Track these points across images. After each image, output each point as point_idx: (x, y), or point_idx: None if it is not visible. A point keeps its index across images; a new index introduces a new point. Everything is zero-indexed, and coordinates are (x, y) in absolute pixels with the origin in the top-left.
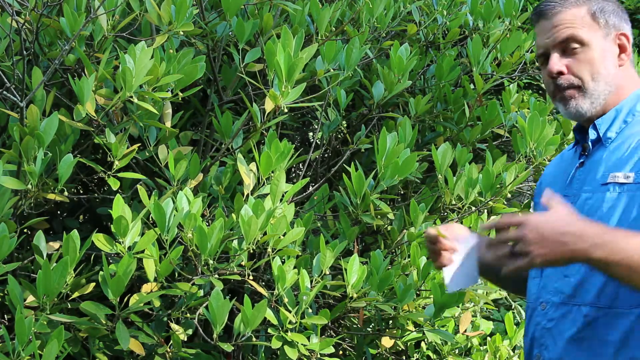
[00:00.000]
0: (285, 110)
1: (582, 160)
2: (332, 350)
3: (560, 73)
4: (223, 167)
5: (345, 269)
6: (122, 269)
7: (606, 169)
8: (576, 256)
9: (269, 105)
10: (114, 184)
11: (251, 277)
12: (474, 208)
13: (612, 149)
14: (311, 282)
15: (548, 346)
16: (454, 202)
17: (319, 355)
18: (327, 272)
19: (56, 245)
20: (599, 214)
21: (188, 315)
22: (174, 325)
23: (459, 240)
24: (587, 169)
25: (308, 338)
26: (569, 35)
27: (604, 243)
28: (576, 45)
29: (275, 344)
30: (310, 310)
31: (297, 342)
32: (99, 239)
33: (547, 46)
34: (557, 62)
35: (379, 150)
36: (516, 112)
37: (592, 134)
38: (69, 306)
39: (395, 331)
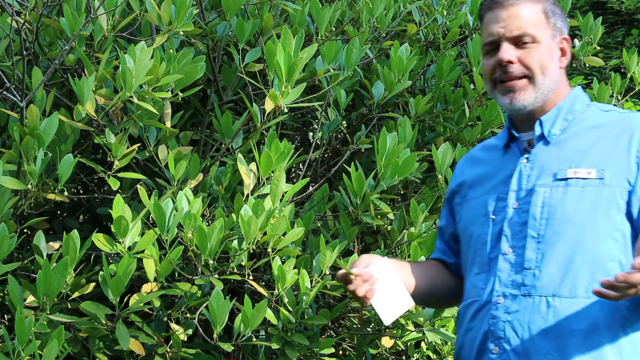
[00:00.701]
0: (285, 110)
1: (527, 155)
2: (332, 350)
3: (510, 62)
4: (223, 167)
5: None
6: (122, 269)
7: (561, 164)
8: None
9: (269, 105)
10: (114, 184)
11: (251, 277)
12: None
13: (560, 145)
14: (311, 282)
15: (509, 339)
16: None
17: (319, 356)
18: (327, 272)
19: (56, 245)
20: (563, 208)
21: (188, 315)
22: (174, 325)
23: (374, 268)
24: (535, 164)
25: (308, 338)
26: (524, 30)
27: None
28: (528, 40)
29: (275, 345)
30: (310, 310)
31: (297, 342)
32: (99, 239)
33: (499, 35)
34: (506, 52)
35: (379, 150)
36: None
37: (537, 131)
38: (69, 306)
39: (395, 331)
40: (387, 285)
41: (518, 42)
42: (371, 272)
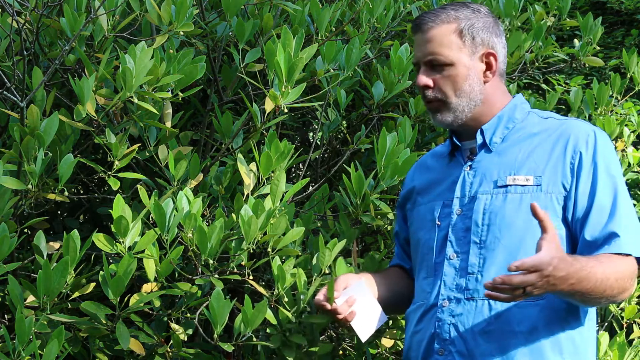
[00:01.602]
0: (285, 110)
1: (470, 163)
2: (332, 350)
3: (427, 87)
4: (223, 167)
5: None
6: (122, 269)
7: (501, 171)
8: (567, 291)
9: (269, 105)
10: (114, 184)
11: (251, 277)
12: None
13: (501, 153)
14: (311, 281)
15: (454, 340)
16: None
17: (319, 355)
18: (327, 272)
19: (56, 245)
20: (502, 214)
21: (188, 315)
22: (174, 325)
23: (351, 289)
24: (478, 171)
25: (308, 339)
26: (434, 56)
27: (576, 281)
28: (440, 63)
29: (275, 343)
30: (309, 310)
31: (297, 342)
32: (99, 239)
33: (417, 59)
34: (422, 77)
35: (379, 150)
36: None
37: (479, 139)
38: (69, 306)
39: (395, 331)
40: (363, 304)
41: (433, 65)
42: (350, 293)
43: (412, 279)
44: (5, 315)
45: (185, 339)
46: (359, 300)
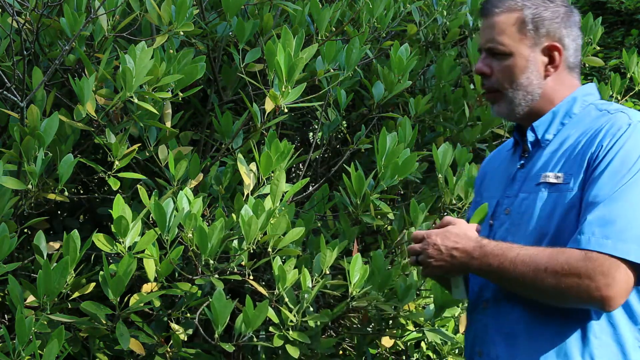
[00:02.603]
0: (285, 110)
1: (522, 162)
2: (332, 349)
3: (484, 74)
4: (223, 167)
5: (348, 270)
6: (122, 269)
7: (540, 169)
8: (463, 268)
9: (269, 105)
10: (114, 184)
11: (251, 277)
12: None
13: (549, 150)
14: (312, 281)
15: (487, 343)
16: (454, 202)
17: (319, 355)
18: (328, 272)
19: (56, 245)
20: (531, 214)
21: (188, 315)
22: (174, 325)
23: None
24: (527, 170)
25: (309, 337)
26: (493, 44)
27: (480, 256)
28: (500, 52)
29: (277, 343)
30: (311, 309)
31: (298, 341)
32: (99, 239)
33: (480, 45)
34: (481, 63)
35: (379, 150)
36: None
37: (530, 136)
38: (69, 306)
39: (395, 331)
40: None
41: (493, 53)
42: None
43: None
44: (5, 315)
45: (185, 339)
46: None
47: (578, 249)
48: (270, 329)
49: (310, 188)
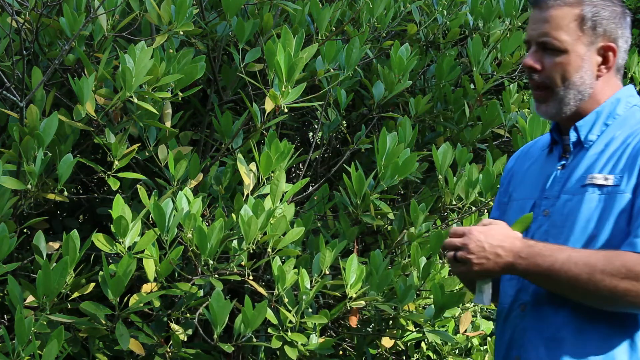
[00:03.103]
0: (285, 110)
1: (563, 162)
2: (332, 350)
3: (533, 69)
4: (223, 167)
5: (344, 269)
6: (122, 269)
7: (585, 171)
8: (507, 268)
9: (269, 105)
10: (114, 184)
11: (251, 277)
12: (474, 208)
13: (594, 152)
14: (311, 282)
15: (526, 347)
16: (454, 202)
17: (318, 356)
18: (327, 272)
19: (56, 245)
20: (577, 216)
21: (188, 315)
22: (174, 326)
23: None
24: (568, 171)
25: (308, 338)
26: (549, 39)
27: (527, 256)
28: (554, 48)
29: (275, 344)
30: (310, 310)
31: (297, 342)
32: (98, 239)
33: (530, 37)
34: (531, 57)
35: (379, 150)
36: (516, 112)
37: (573, 137)
38: (69, 306)
39: (395, 331)
40: None
41: (545, 48)
42: None
43: None
44: (5, 316)
45: (185, 339)
46: None
47: (635, 252)
48: (269, 330)
49: (310, 188)
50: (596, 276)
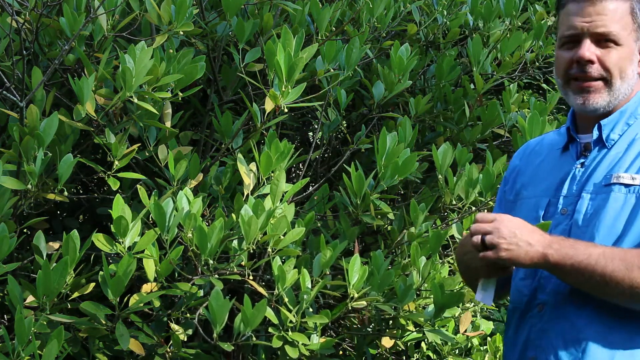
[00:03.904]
0: (285, 110)
1: (582, 160)
2: (332, 350)
3: (591, 62)
4: (223, 167)
5: (347, 269)
6: (122, 269)
7: (609, 170)
8: (537, 257)
9: (269, 105)
10: (114, 184)
11: (251, 277)
12: (474, 208)
13: (615, 150)
14: (311, 282)
15: (545, 348)
16: (454, 202)
17: (319, 356)
18: (327, 272)
19: (56, 245)
20: (603, 214)
21: (188, 315)
22: (174, 325)
23: None
24: (589, 169)
25: (308, 337)
26: (609, 30)
27: (559, 248)
28: (611, 40)
29: (276, 344)
30: (310, 310)
31: (298, 342)
32: (98, 239)
33: (582, 29)
34: (587, 50)
35: (379, 150)
36: (516, 112)
37: (595, 134)
38: (69, 306)
39: (395, 331)
40: None
41: (600, 40)
42: None
43: None
44: (5, 316)
45: (185, 339)
46: None
47: None
48: (270, 329)
49: (310, 188)
50: (634, 272)
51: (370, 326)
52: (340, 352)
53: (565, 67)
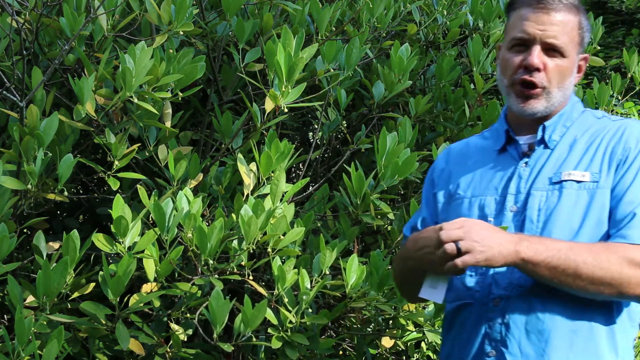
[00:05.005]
0: (285, 110)
1: (526, 160)
2: (332, 350)
3: (538, 70)
4: (223, 167)
5: (344, 269)
6: (122, 269)
7: (557, 168)
8: (511, 256)
9: (269, 105)
10: (114, 184)
11: (251, 277)
12: None
13: (558, 150)
14: (311, 282)
15: (506, 341)
16: None
17: (319, 356)
18: (327, 272)
19: (56, 245)
20: (557, 211)
21: (188, 315)
22: (174, 326)
23: None
24: (534, 169)
25: (308, 338)
26: (558, 43)
27: (529, 244)
28: (560, 52)
29: (276, 345)
30: (310, 310)
31: (297, 342)
32: (98, 239)
33: (534, 36)
34: (537, 58)
35: (379, 150)
36: None
37: (539, 135)
38: (69, 306)
39: (395, 331)
40: None
41: (548, 49)
42: None
43: None
44: (5, 316)
45: (185, 339)
46: None
47: (630, 244)
48: (270, 330)
49: (310, 188)
50: (603, 263)
51: (370, 326)
52: (340, 352)
53: (513, 71)
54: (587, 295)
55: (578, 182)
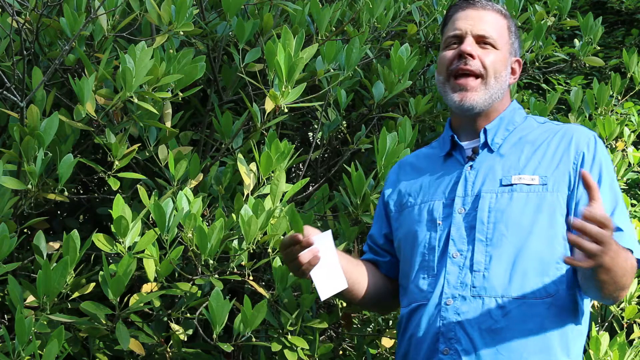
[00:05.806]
0: (285, 110)
1: (471, 163)
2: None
3: (472, 56)
4: (223, 167)
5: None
6: (122, 269)
7: (505, 171)
8: (604, 263)
9: (269, 105)
10: (114, 184)
11: (251, 277)
12: None
13: (503, 154)
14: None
15: (460, 339)
16: None
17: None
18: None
19: (56, 245)
20: (508, 212)
21: (188, 315)
22: (174, 325)
23: (316, 238)
24: (480, 171)
25: (308, 342)
26: (489, 35)
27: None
28: (490, 43)
29: (275, 348)
30: (310, 314)
31: (297, 346)
32: (99, 239)
33: (465, 30)
34: (469, 46)
35: (379, 150)
36: None
37: (482, 139)
38: (69, 306)
39: (395, 331)
40: (327, 260)
41: (480, 42)
42: (316, 244)
43: (383, 275)
44: (5, 315)
45: (185, 339)
46: (323, 255)
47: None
48: (269, 332)
49: (310, 188)
50: (630, 271)
51: (370, 326)
52: (340, 352)
53: (447, 64)
54: (598, 299)
55: (528, 184)
